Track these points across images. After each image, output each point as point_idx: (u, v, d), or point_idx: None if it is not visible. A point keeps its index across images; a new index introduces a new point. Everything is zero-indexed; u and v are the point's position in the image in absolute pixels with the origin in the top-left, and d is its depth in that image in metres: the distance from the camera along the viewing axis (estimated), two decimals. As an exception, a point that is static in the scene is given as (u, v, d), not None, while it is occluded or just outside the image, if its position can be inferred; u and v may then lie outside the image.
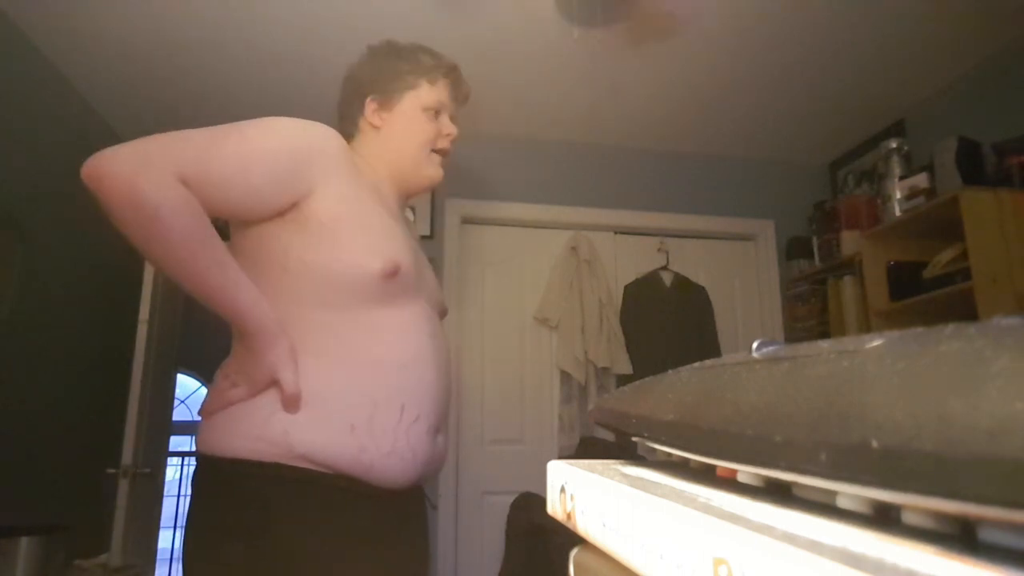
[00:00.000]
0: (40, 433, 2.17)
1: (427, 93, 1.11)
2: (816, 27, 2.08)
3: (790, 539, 0.19)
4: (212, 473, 0.86)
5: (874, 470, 0.17)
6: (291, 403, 0.82)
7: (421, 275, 1.01)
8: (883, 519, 0.21)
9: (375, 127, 1.09)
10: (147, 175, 0.77)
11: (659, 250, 2.83)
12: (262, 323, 0.83)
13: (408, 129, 1.08)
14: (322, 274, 0.87)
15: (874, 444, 0.17)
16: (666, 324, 2.70)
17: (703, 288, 2.81)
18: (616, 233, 2.85)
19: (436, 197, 2.70)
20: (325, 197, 0.89)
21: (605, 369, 2.58)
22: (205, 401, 0.89)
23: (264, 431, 0.82)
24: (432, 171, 1.11)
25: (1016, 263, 1.83)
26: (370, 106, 1.09)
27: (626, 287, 2.76)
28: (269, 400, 0.84)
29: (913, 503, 0.18)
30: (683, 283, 2.79)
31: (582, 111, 2.63)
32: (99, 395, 2.52)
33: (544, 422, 2.62)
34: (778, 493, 0.27)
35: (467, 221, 2.75)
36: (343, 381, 0.85)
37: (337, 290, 0.87)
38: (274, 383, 0.84)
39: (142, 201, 0.76)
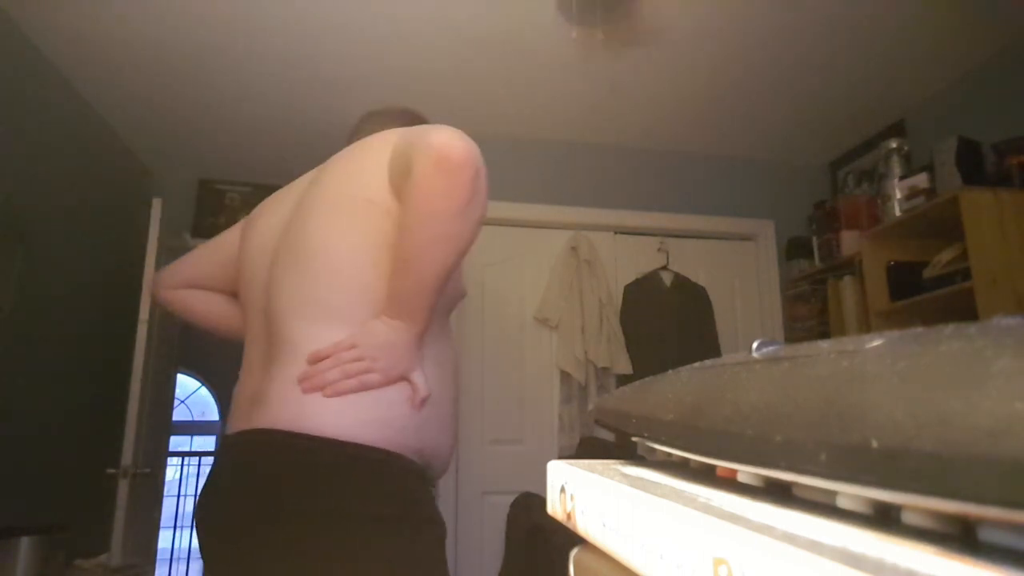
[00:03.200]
0: (40, 433, 2.17)
1: None
2: (816, 27, 2.08)
3: (790, 539, 0.19)
4: (332, 455, 0.79)
5: (874, 470, 0.17)
6: (422, 402, 0.88)
7: None
8: (883, 519, 0.21)
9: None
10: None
11: (659, 250, 2.83)
12: (429, 319, 0.89)
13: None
14: (452, 282, 0.93)
15: (874, 444, 0.17)
16: (666, 324, 2.70)
17: (703, 288, 2.81)
18: (616, 233, 2.85)
19: (436, 197, 2.70)
20: None
21: (605, 369, 2.58)
22: (318, 375, 0.82)
23: (395, 422, 0.85)
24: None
25: (1016, 263, 1.83)
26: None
27: (626, 287, 2.76)
28: (398, 394, 0.86)
29: (913, 503, 0.18)
30: (683, 283, 2.79)
31: (582, 111, 2.63)
32: (99, 395, 2.52)
33: (544, 422, 2.62)
34: (778, 493, 0.27)
35: (467, 221, 2.74)
36: (443, 384, 0.94)
37: (450, 300, 0.98)
38: (404, 379, 0.87)
39: (484, 190, 0.83)
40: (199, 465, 5.64)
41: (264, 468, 0.81)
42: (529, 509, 2.16)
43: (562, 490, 0.37)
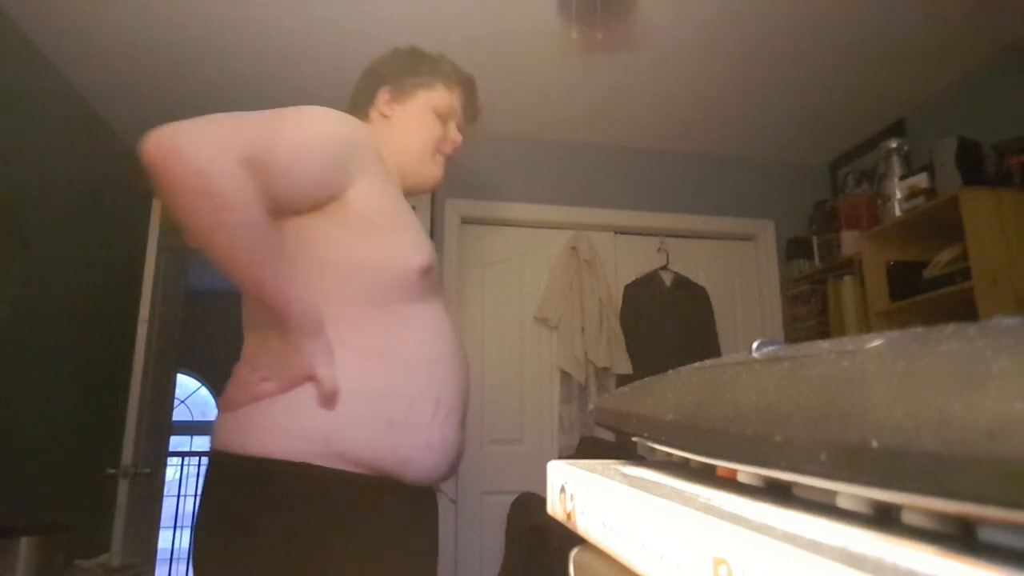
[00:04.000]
0: (40, 433, 2.17)
1: (441, 96, 1.11)
2: (816, 27, 2.08)
3: (790, 539, 0.19)
4: (236, 472, 0.81)
5: (874, 470, 0.17)
6: (329, 400, 0.80)
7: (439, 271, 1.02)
8: (883, 519, 0.21)
9: (385, 116, 1.09)
10: (220, 161, 0.73)
11: (659, 250, 2.83)
12: (307, 316, 0.81)
13: (416, 125, 1.08)
14: (366, 269, 0.86)
15: (874, 444, 0.17)
16: (666, 324, 2.70)
17: (703, 288, 2.81)
18: (616, 233, 2.85)
19: (436, 197, 2.70)
20: (364, 190, 0.88)
21: (605, 369, 2.58)
22: (227, 395, 0.85)
23: (301, 428, 0.80)
24: (435, 170, 1.11)
25: (1016, 263, 1.83)
26: (383, 95, 1.09)
27: (626, 287, 2.76)
28: (304, 396, 0.81)
29: (913, 503, 0.18)
30: (683, 283, 2.79)
31: (582, 111, 2.63)
32: (99, 395, 2.52)
33: (544, 422, 2.62)
34: (778, 493, 0.27)
35: (467, 221, 2.75)
36: (381, 377, 0.84)
37: (379, 286, 0.87)
38: (309, 379, 0.81)
39: (214, 189, 0.72)
40: (199, 465, 5.64)
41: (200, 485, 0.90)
42: (529, 509, 2.16)
43: (562, 490, 0.37)
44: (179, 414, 6.35)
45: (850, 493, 0.22)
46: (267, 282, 0.78)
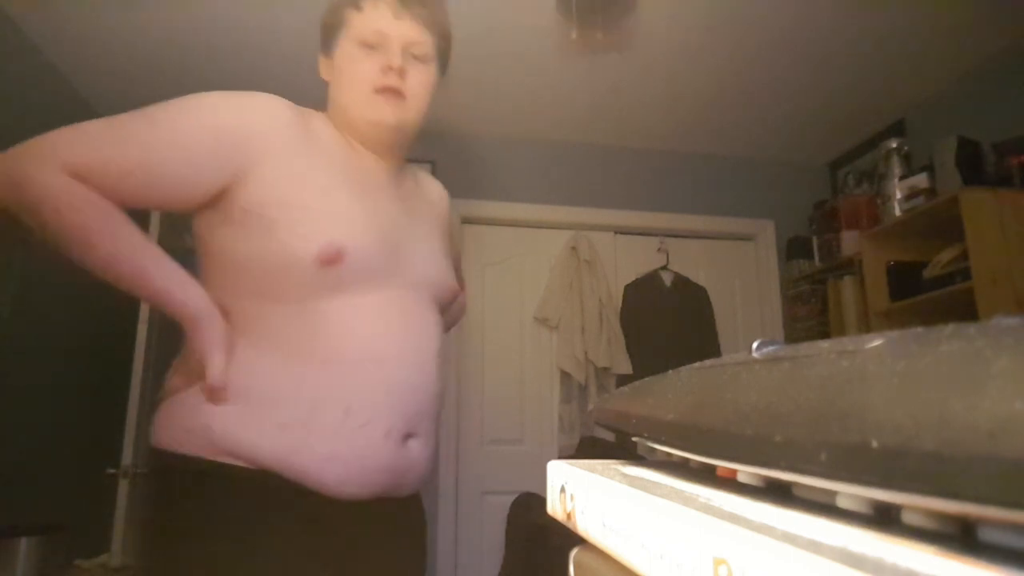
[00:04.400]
0: (40, 433, 2.17)
1: (357, 23, 0.91)
2: (816, 27, 2.08)
3: (790, 539, 0.19)
4: (151, 465, 0.81)
5: (874, 470, 0.17)
6: (213, 393, 0.75)
7: (397, 255, 0.87)
8: (883, 519, 0.21)
9: (328, 83, 0.95)
10: (31, 169, 0.73)
11: (659, 250, 2.83)
12: (188, 306, 0.76)
13: (345, 72, 0.91)
14: (256, 266, 0.79)
15: (874, 444, 0.17)
16: (666, 324, 2.70)
17: (703, 288, 2.81)
18: (616, 233, 2.85)
19: (436, 197, 2.70)
20: (258, 182, 0.79)
21: (605, 369, 2.58)
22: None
23: (188, 422, 0.76)
24: (380, 112, 0.89)
25: (1016, 263, 1.83)
26: (321, 64, 0.97)
27: (626, 287, 2.76)
28: (199, 390, 0.77)
29: (913, 503, 0.18)
30: (683, 283, 2.79)
31: (582, 111, 2.63)
32: (99, 395, 2.52)
33: (544, 422, 2.62)
34: (778, 493, 0.27)
35: (467, 221, 2.75)
36: (279, 377, 0.77)
37: (274, 282, 0.79)
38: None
39: (26, 197, 0.73)
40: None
41: None
42: (529, 509, 2.16)
43: (562, 490, 0.37)
44: (179, 414, 6.33)
45: (850, 493, 0.22)
46: (123, 278, 0.75)
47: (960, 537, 0.19)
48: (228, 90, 0.84)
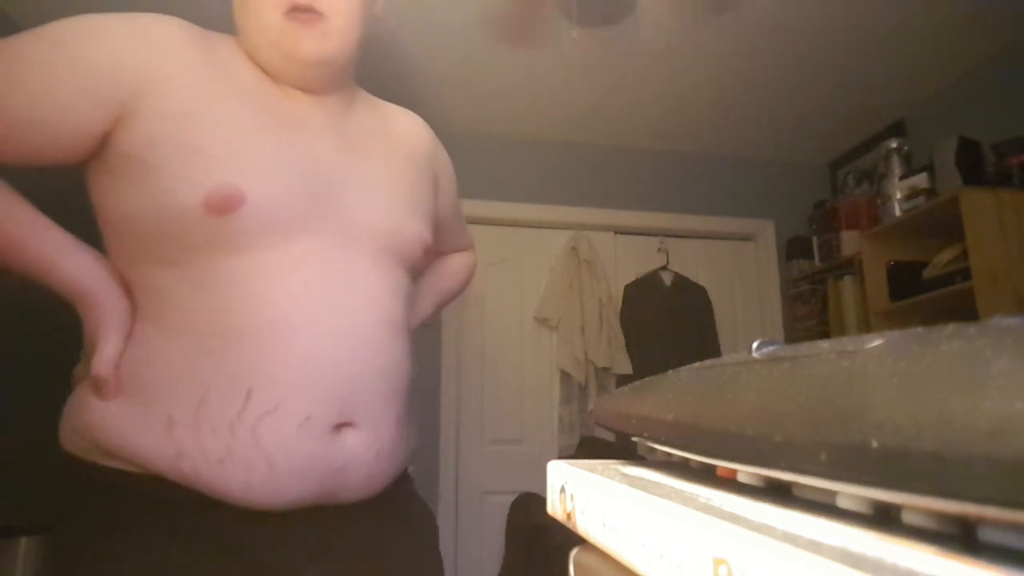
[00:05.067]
0: (40, 433, 2.17)
1: None
2: (816, 27, 2.08)
3: (790, 539, 0.19)
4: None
5: (874, 470, 0.17)
6: (97, 386, 0.62)
7: (326, 200, 0.70)
8: (883, 519, 0.21)
9: (236, 13, 0.78)
10: None
11: (659, 250, 2.83)
12: (76, 280, 0.65)
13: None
14: (140, 224, 0.64)
15: (874, 444, 0.17)
16: (666, 324, 2.70)
17: (703, 288, 2.81)
18: (616, 233, 2.85)
19: (436, 197, 2.70)
20: (141, 121, 0.63)
21: (605, 369, 2.58)
22: None
23: (74, 419, 0.64)
24: (289, 46, 0.70)
25: (1016, 263, 1.83)
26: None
27: (626, 287, 2.76)
28: (89, 383, 0.65)
29: (913, 503, 0.18)
30: (683, 283, 2.79)
31: (582, 111, 2.63)
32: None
33: (544, 422, 2.63)
34: (778, 493, 0.27)
35: (467, 221, 2.74)
36: (171, 359, 0.62)
37: (163, 241, 0.63)
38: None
39: None
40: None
41: None
42: (529, 509, 2.16)
43: (562, 490, 0.37)
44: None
45: (850, 493, 0.22)
46: (10, 250, 0.65)
47: (960, 537, 0.19)
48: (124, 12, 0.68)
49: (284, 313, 0.63)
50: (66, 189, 0.66)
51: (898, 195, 2.20)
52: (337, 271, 0.68)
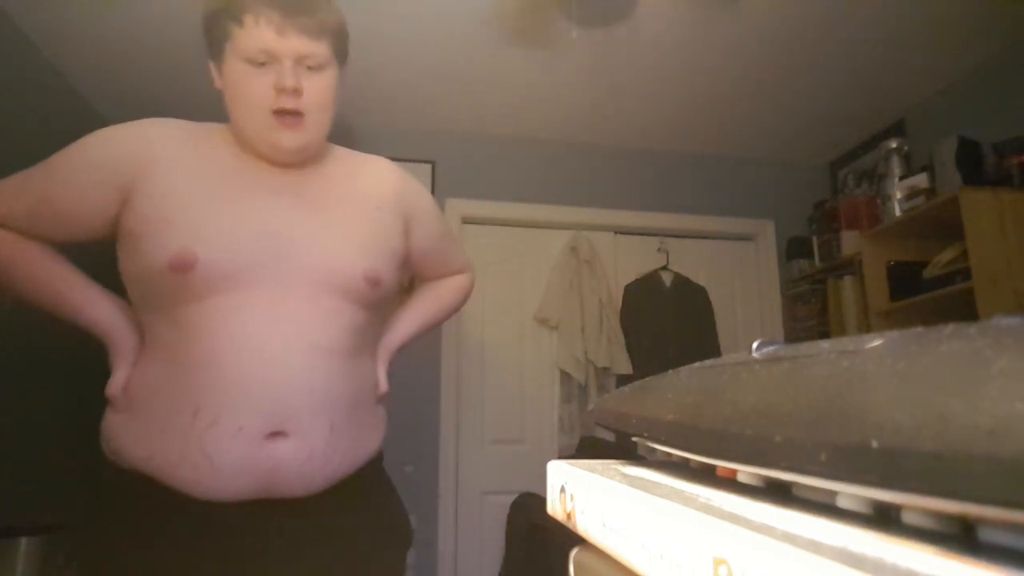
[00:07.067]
0: (40, 433, 2.17)
1: (240, 41, 0.83)
2: (816, 27, 2.08)
3: (790, 539, 0.19)
4: None
5: (874, 470, 0.17)
6: (110, 403, 0.86)
7: (274, 252, 0.84)
8: (883, 519, 0.21)
9: (221, 91, 0.90)
10: None
11: (659, 250, 2.83)
12: (99, 323, 0.87)
13: (237, 92, 0.86)
14: (134, 279, 0.86)
15: (874, 444, 0.17)
16: (666, 324, 2.70)
17: (703, 288, 2.81)
18: (616, 233, 2.85)
19: (436, 196, 2.70)
20: (137, 203, 0.83)
21: (605, 369, 2.58)
22: None
23: (102, 430, 0.86)
24: (274, 139, 0.87)
25: (1016, 263, 1.83)
26: (213, 72, 0.91)
27: (626, 287, 2.76)
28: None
29: (913, 503, 0.18)
30: (683, 283, 2.79)
31: (582, 111, 2.63)
32: (100, 395, 2.52)
33: (544, 422, 2.63)
34: (778, 493, 0.27)
35: (467, 221, 2.75)
36: (152, 384, 0.82)
37: (148, 293, 0.84)
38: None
39: None
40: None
41: None
42: (529, 509, 2.16)
43: (562, 490, 0.37)
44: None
45: (850, 493, 0.22)
46: (45, 305, 0.89)
47: (960, 537, 0.19)
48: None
49: (227, 345, 0.80)
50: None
51: (898, 195, 2.20)
52: (276, 308, 0.83)
